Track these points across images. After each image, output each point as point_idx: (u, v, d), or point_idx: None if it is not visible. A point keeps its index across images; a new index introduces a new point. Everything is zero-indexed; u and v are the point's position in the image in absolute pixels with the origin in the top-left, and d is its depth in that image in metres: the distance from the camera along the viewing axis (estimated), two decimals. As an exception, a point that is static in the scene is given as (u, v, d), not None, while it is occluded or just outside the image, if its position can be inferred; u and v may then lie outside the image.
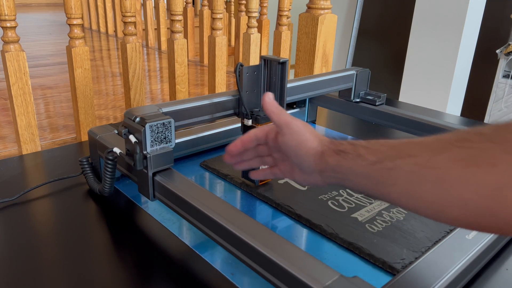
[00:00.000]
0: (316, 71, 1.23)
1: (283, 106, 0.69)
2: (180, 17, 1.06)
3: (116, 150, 0.63)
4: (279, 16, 1.35)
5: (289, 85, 0.81)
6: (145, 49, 2.09)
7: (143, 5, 2.06)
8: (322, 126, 1.06)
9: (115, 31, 2.26)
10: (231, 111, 0.73)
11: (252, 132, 0.56)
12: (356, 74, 0.95)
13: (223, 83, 1.19)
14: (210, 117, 0.72)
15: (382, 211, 0.65)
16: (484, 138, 0.34)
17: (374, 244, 0.57)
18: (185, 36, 1.88)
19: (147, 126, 0.57)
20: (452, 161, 0.35)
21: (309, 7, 1.20)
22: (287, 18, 1.38)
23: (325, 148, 0.47)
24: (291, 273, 0.41)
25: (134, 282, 0.52)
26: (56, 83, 1.46)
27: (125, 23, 0.96)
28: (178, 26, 1.06)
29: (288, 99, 0.83)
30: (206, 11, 1.83)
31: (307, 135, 0.49)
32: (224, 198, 0.71)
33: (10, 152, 0.89)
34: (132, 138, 0.58)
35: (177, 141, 0.80)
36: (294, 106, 1.03)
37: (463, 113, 2.50)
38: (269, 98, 0.53)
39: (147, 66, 1.81)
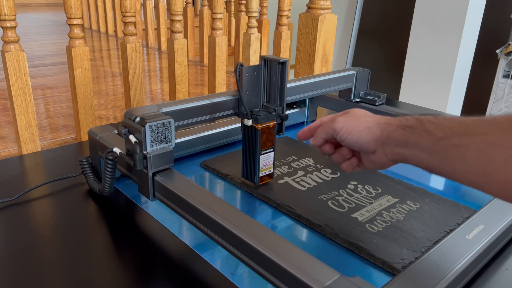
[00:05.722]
0: (316, 71, 1.23)
1: (283, 106, 0.69)
2: (180, 17, 1.06)
3: (116, 150, 0.63)
4: (279, 16, 1.35)
5: (289, 85, 0.81)
6: (145, 49, 2.08)
7: (143, 5, 2.06)
8: (322, 126, 1.06)
9: (115, 31, 2.26)
10: (231, 111, 0.73)
11: (316, 125, 0.60)
12: (356, 74, 0.95)
13: (223, 83, 1.19)
14: (210, 117, 0.72)
15: (382, 211, 0.65)
16: None
17: (374, 244, 0.57)
18: (185, 36, 1.88)
19: (147, 126, 0.57)
20: None
21: (309, 7, 1.20)
22: (287, 18, 1.38)
23: (385, 125, 0.49)
24: (291, 273, 0.41)
25: (134, 282, 0.52)
26: (56, 83, 1.46)
27: (125, 23, 0.96)
28: (178, 26, 1.06)
29: (288, 99, 0.83)
30: (206, 11, 1.83)
31: (362, 122, 0.52)
32: (224, 198, 0.71)
33: (10, 152, 0.89)
34: (132, 138, 0.58)
35: (177, 141, 0.80)
36: (294, 106, 1.03)
37: (463, 113, 2.49)
38: (301, 133, 0.62)
39: (147, 66, 1.81)
